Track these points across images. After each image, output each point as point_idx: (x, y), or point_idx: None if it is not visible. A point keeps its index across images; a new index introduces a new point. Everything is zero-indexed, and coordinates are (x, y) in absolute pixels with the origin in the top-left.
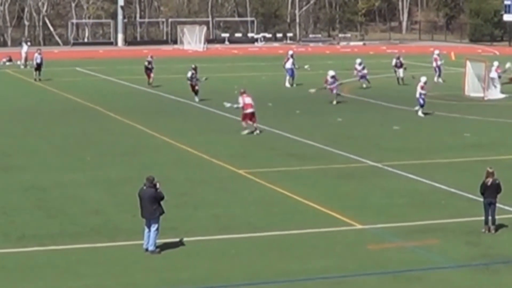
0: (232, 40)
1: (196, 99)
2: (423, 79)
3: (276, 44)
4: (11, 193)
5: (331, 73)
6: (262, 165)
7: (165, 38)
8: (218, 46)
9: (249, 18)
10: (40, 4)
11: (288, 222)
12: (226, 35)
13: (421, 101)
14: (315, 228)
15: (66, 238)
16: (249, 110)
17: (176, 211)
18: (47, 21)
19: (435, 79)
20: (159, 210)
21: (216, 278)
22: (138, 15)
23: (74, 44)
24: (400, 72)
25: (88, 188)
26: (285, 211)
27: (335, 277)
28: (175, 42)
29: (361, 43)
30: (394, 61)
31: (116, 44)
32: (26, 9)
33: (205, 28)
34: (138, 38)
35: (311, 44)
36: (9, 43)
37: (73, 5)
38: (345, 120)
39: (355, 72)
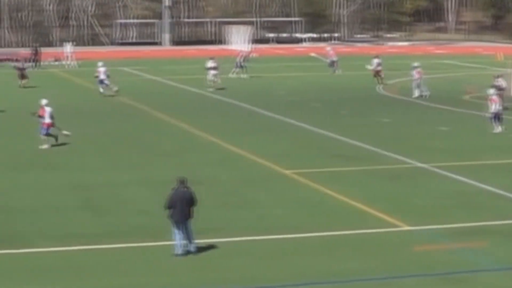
0: (278, 40)
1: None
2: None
3: (322, 44)
4: (57, 192)
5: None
6: (308, 165)
7: (211, 38)
8: (264, 46)
9: (295, 18)
10: (86, 4)
11: (334, 223)
12: (272, 35)
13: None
14: (361, 229)
15: (111, 238)
16: None
17: (221, 211)
18: (93, 21)
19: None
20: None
21: (261, 278)
22: (184, 15)
23: (120, 44)
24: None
25: (133, 188)
26: (331, 212)
27: (380, 279)
28: (221, 42)
29: (407, 43)
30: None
31: (162, 44)
32: (72, 9)
33: (251, 28)
34: (184, 38)
35: (358, 44)
36: (55, 43)
37: (119, 5)
38: (392, 121)
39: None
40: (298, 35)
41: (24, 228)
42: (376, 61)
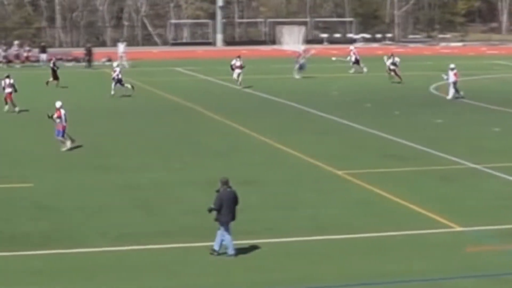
0: (330, 41)
1: None
2: None
3: (375, 45)
4: (109, 192)
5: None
6: (360, 166)
7: (263, 38)
8: (316, 46)
9: (348, 19)
10: (139, 4)
11: (386, 224)
12: (325, 35)
13: None
14: (413, 230)
15: (163, 237)
16: None
17: (274, 212)
18: (146, 21)
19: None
20: None
21: (313, 278)
22: (237, 15)
23: (173, 44)
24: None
25: (185, 188)
26: (383, 213)
27: (433, 280)
28: (273, 42)
29: (460, 43)
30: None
31: (215, 44)
32: (125, 10)
33: (303, 29)
34: (237, 39)
35: (410, 45)
36: (108, 43)
37: (172, 5)
38: (445, 122)
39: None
40: (350, 35)
41: (77, 228)
42: (390, 60)
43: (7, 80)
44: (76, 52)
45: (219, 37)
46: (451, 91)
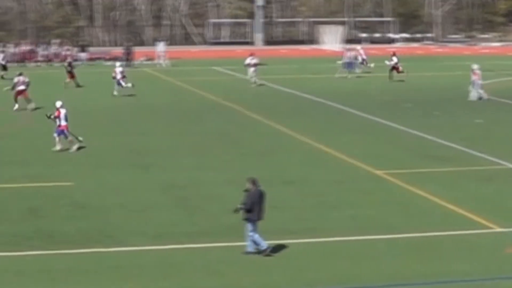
0: (370, 40)
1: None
2: None
3: (415, 45)
4: (150, 191)
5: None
6: (400, 166)
7: (303, 38)
8: (357, 46)
9: (388, 18)
10: (179, 3)
11: (426, 224)
12: (365, 35)
13: None
14: (452, 231)
15: (204, 237)
16: None
17: (313, 212)
18: (186, 21)
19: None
20: None
21: (354, 279)
22: (276, 15)
23: (212, 43)
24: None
25: (226, 187)
26: (423, 213)
27: (472, 280)
28: (313, 42)
29: (500, 44)
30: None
31: (255, 43)
32: (165, 9)
33: (343, 28)
34: (276, 38)
35: (450, 45)
36: (147, 42)
37: (211, 4)
38: (485, 122)
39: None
40: (390, 35)
41: (118, 227)
42: (395, 58)
43: (21, 78)
44: (115, 51)
45: (259, 36)
46: (478, 91)
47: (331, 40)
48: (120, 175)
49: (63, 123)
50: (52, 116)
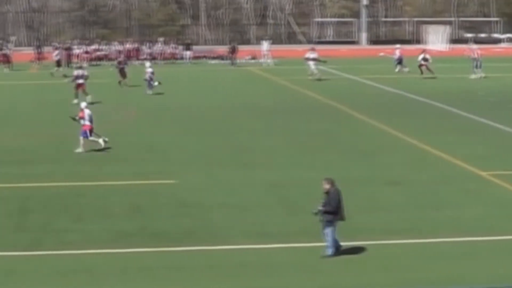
0: (476, 40)
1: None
2: None
3: None
4: (253, 190)
5: None
6: (506, 167)
7: (408, 37)
8: (462, 46)
9: (494, 18)
10: (284, 2)
11: None
12: (470, 35)
13: None
14: None
15: (305, 236)
16: None
17: (417, 212)
18: (291, 20)
19: None
20: None
21: (456, 279)
22: (381, 14)
23: (317, 42)
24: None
25: None
26: None
27: None
28: (418, 41)
29: None
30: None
31: (360, 43)
32: (270, 8)
33: (449, 28)
34: (382, 37)
35: None
36: (252, 41)
37: (316, 3)
38: None
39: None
40: (496, 35)
41: (221, 225)
42: (421, 56)
43: (80, 71)
44: (220, 49)
45: (364, 35)
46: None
47: (436, 40)
48: (224, 173)
49: (87, 123)
50: (76, 118)
